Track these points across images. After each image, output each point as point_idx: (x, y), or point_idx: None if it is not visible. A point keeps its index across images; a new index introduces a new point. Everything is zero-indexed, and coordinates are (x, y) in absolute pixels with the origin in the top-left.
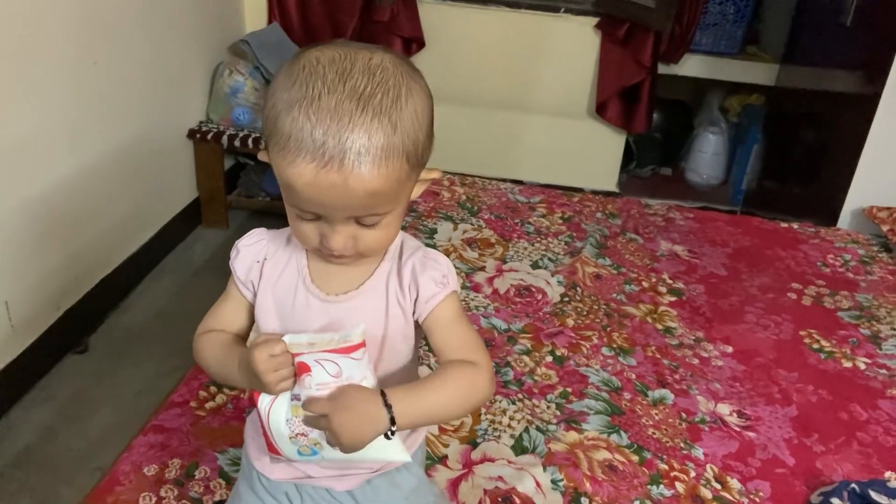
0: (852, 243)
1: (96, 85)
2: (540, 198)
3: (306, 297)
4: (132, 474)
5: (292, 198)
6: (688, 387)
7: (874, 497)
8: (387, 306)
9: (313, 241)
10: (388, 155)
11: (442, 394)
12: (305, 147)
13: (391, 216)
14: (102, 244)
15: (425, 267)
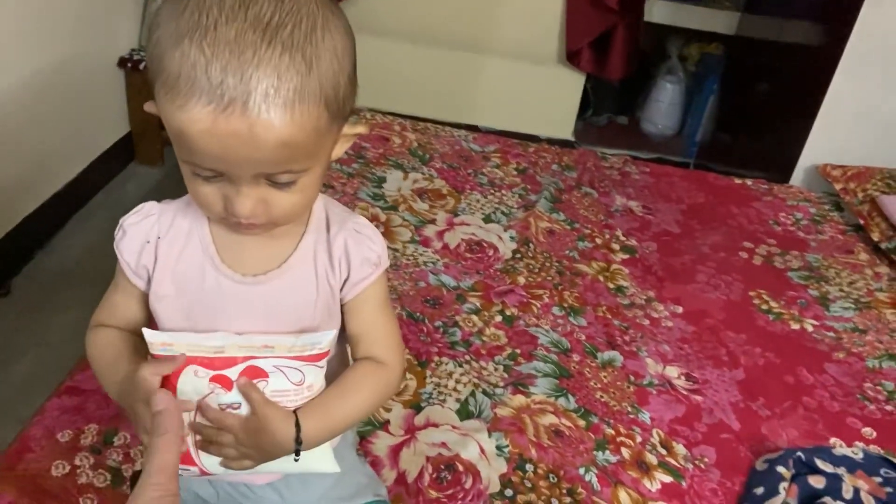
0: (804, 201)
1: (15, 6)
2: (495, 147)
3: (217, 279)
4: (44, 440)
5: (186, 152)
6: (637, 348)
7: (820, 465)
8: (317, 286)
9: (216, 206)
10: (303, 98)
11: (351, 408)
12: (199, 87)
13: (309, 176)
14: (25, 180)
15: (359, 245)
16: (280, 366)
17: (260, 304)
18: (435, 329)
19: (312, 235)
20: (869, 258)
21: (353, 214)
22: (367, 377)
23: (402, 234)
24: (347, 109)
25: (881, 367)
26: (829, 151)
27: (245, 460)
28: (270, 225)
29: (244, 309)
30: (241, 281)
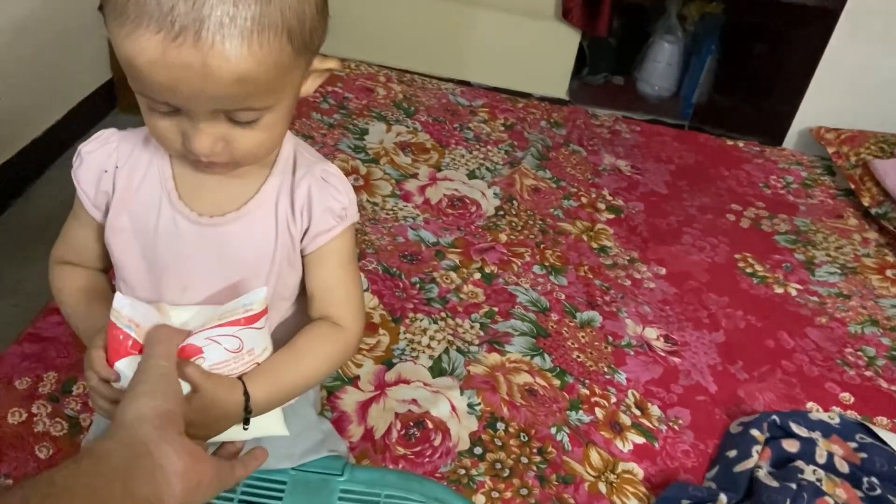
0: (796, 164)
1: None
2: (482, 101)
3: (173, 216)
4: (1, 388)
5: (137, 84)
6: (617, 309)
7: (794, 429)
8: (276, 233)
9: (174, 143)
10: (262, 28)
11: (303, 373)
12: (148, 12)
13: (273, 114)
14: (2, 128)
15: (323, 193)
16: (213, 336)
17: (215, 246)
18: (411, 285)
19: (277, 178)
20: (858, 223)
21: (324, 161)
22: (321, 340)
23: (383, 188)
24: (316, 42)
25: (863, 333)
26: (823, 113)
27: (198, 438)
28: (233, 165)
29: (199, 250)
30: (197, 221)
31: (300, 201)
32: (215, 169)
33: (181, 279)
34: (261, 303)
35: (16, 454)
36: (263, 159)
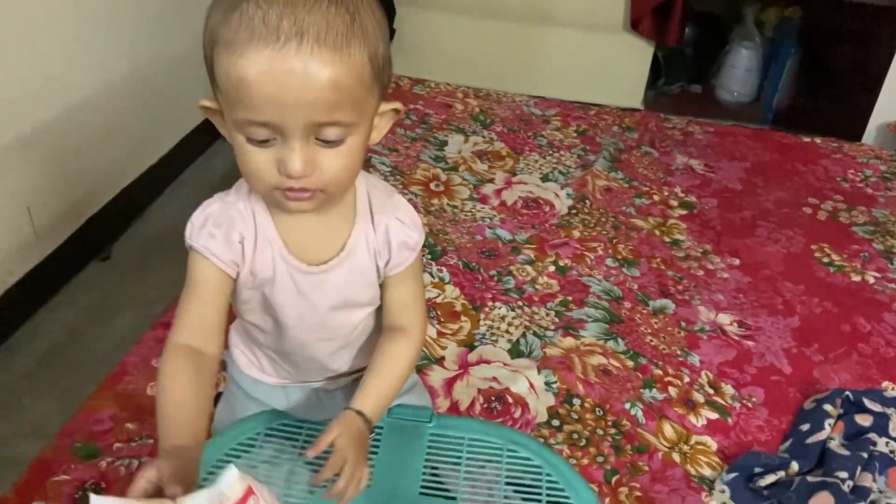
0: (875, 159)
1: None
2: (555, 111)
3: (287, 270)
4: (140, 366)
5: (242, 108)
6: (690, 297)
7: (868, 405)
8: (369, 268)
9: (268, 174)
10: (349, 42)
11: (392, 383)
12: (258, 33)
13: (354, 138)
14: (123, 155)
15: (399, 232)
16: None
17: (325, 287)
18: (489, 277)
19: (361, 223)
20: None
21: (394, 196)
22: (400, 351)
23: (461, 193)
24: (386, 78)
25: None
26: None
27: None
28: (319, 195)
29: (313, 293)
30: (309, 271)
31: (381, 238)
32: (303, 198)
33: (288, 315)
34: (236, 486)
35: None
36: (344, 190)
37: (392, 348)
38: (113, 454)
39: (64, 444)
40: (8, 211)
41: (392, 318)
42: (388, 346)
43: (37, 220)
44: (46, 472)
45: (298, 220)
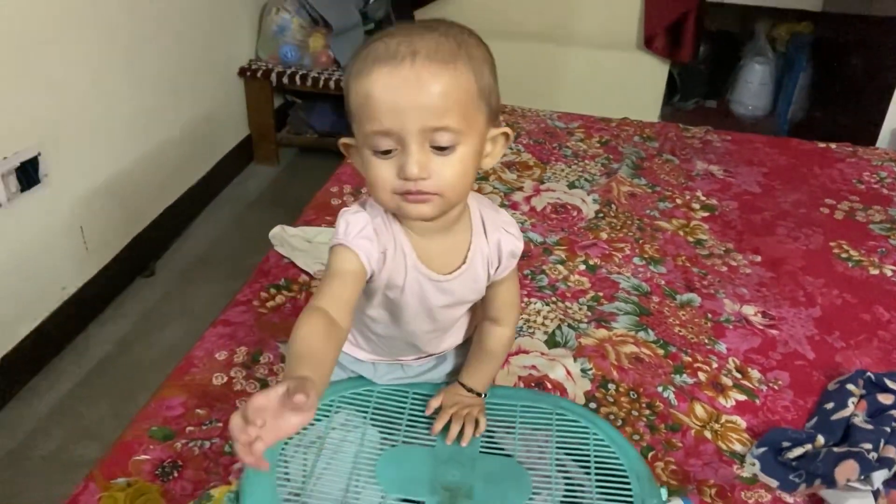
0: (889, 161)
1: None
2: (578, 123)
3: (417, 277)
4: (205, 359)
5: (368, 119)
6: (715, 291)
7: (889, 384)
8: (483, 275)
9: (390, 181)
10: (456, 59)
11: (492, 365)
12: (381, 57)
13: (464, 147)
14: (164, 176)
15: (507, 243)
16: None
17: (447, 294)
18: (524, 276)
19: (477, 237)
20: None
21: (500, 211)
22: (491, 345)
23: (493, 200)
24: (494, 103)
25: None
26: None
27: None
28: (437, 199)
29: (435, 297)
30: (438, 279)
31: (493, 250)
32: (421, 204)
33: (409, 313)
34: None
35: (221, 405)
36: (459, 198)
37: (492, 336)
38: (186, 436)
39: (141, 428)
40: (63, 229)
41: (493, 312)
42: (488, 335)
43: (88, 238)
44: (128, 452)
45: (427, 237)
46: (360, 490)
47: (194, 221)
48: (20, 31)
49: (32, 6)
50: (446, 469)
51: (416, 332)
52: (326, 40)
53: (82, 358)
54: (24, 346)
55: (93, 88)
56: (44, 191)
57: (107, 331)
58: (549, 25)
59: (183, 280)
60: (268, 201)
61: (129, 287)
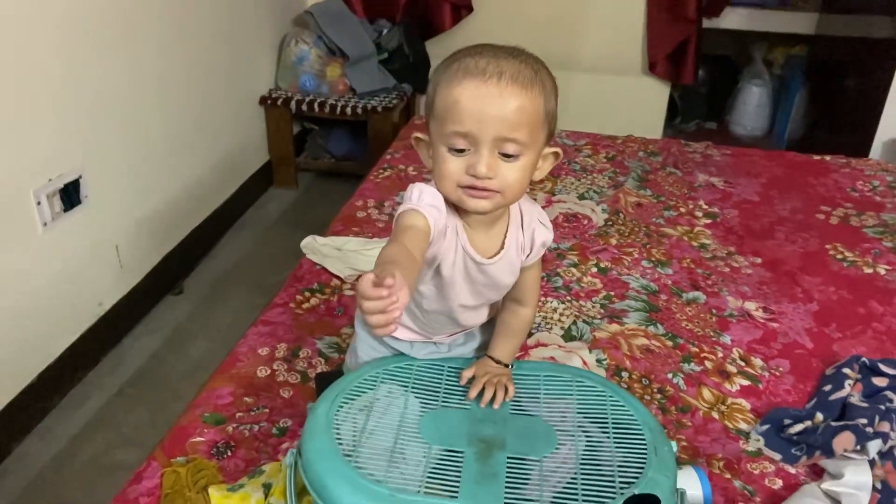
0: (882, 171)
1: (183, 54)
2: (586, 141)
3: (463, 258)
4: (249, 354)
5: (452, 121)
6: (718, 289)
7: (883, 369)
8: (518, 261)
9: (457, 175)
10: (533, 85)
11: (519, 338)
12: (471, 72)
13: (525, 158)
14: (190, 200)
15: (540, 233)
16: None
17: (486, 275)
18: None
19: (514, 229)
20: None
21: (534, 204)
22: (515, 322)
23: None
24: (552, 126)
25: None
26: None
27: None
28: (497, 196)
29: (475, 277)
30: (479, 262)
31: (528, 239)
32: (482, 197)
33: (454, 290)
34: None
35: (267, 394)
36: (514, 199)
37: (516, 315)
38: (236, 421)
39: (195, 414)
40: (101, 248)
41: (518, 294)
42: (513, 314)
43: (123, 256)
44: (185, 435)
45: (474, 227)
46: (405, 445)
47: (219, 242)
48: (65, 64)
49: (75, 41)
50: (481, 426)
51: (457, 307)
52: (343, 69)
53: (118, 370)
54: (63, 358)
55: (128, 117)
56: (84, 211)
57: (140, 345)
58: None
59: (210, 297)
60: (288, 223)
61: (160, 304)
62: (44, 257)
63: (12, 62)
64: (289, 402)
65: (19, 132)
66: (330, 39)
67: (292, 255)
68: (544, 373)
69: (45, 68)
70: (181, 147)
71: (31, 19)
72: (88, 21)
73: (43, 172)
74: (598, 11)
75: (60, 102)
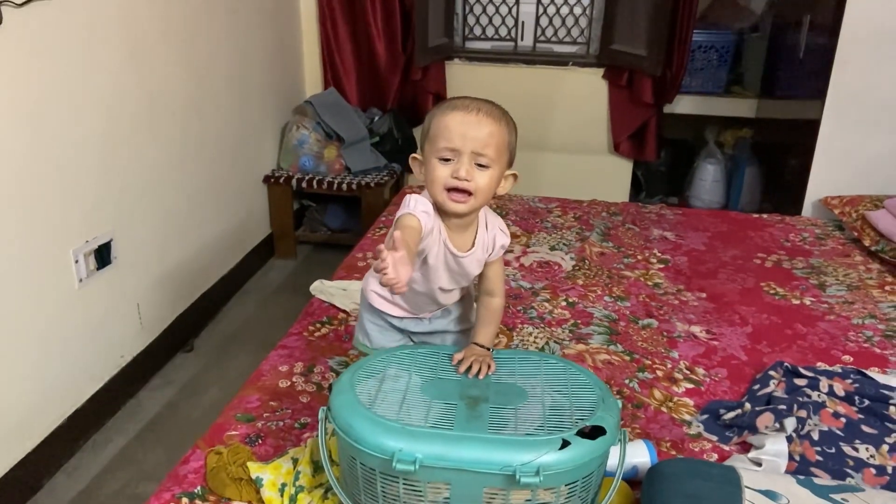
0: (811, 226)
1: (198, 138)
2: (556, 204)
3: (444, 251)
4: (271, 371)
5: (442, 137)
6: (669, 317)
7: (803, 372)
8: (484, 257)
9: (444, 179)
10: (500, 119)
11: (496, 323)
12: (458, 107)
13: (493, 170)
14: (201, 266)
15: (500, 239)
16: None
17: (459, 267)
18: (518, 311)
19: (481, 232)
20: (863, 259)
21: (496, 216)
22: (494, 307)
23: None
24: (513, 154)
25: (864, 323)
26: (827, 187)
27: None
28: (469, 198)
29: (451, 267)
30: (456, 255)
31: (490, 241)
32: (460, 199)
33: (435, 275)
34: None
35: (289, 399)
36: (484, 201)
37: (490, 305)
38: (264, 420)
39: (229, 415)
40: (125, 305)
41: (488, 286)
42: (487, 305)
43: (143, 314)
44: (222, 430)
45: (453, 229)
46: (411, 401)
47: (226, 305)
48: (104, 143)
49: (114, 125)
50: (470, 389)
51: (437, 290)
52: (339, 151)
53: (136, 416)
54: (88, 404)
55: (151, 189)
56: (113, 271)
57: (155, 396)
58: (527, 135)
59: (218, 354)
60: (288, 290)
61: (172, 360)
62: (77, 311)
63: (64, 139)
64: (307, 406)
65: (64, 197)
66: (328, 125)
67: (293, 318)
68: (518, 356)
69: (89, 145)
70: (195, 218)
71: (80, 108)
72: (124, 108)
73: (81, 234)
74: (566, 99)
75: (99, 173)
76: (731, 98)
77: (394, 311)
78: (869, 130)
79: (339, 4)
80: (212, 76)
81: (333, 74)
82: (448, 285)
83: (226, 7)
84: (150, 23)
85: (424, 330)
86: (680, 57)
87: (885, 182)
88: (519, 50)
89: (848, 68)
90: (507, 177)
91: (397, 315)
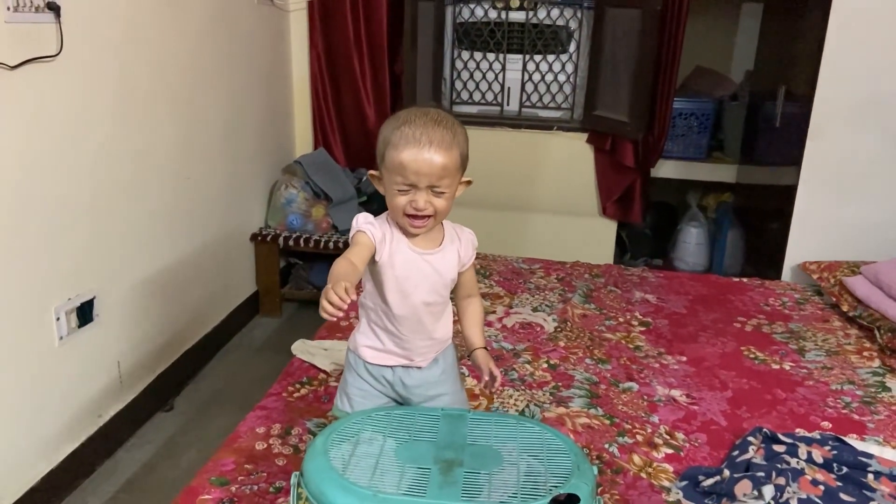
0: (791, 290)
1: (186, 196)
2: (539, 265)
3: (412, 254)
4: (248, 433)
5: (399, 175)
6: (650, 380)
7: (782, 438)
8: (457, 262)
9: (403, 206)
10: (451, 147)
11: (481, 324)
12: (411, 142)
13: (448, 193)
14: (184, 324)
15: (470, 244)
16: None
17: (433, 264)
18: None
19: (448, 235)
20: (842, 324)
21: (464, 229)
22: (477, 307)
23: None
24: (465, 163)
25: (842, 389)
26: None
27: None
28: (430, 220)
29: (421, 268)
30: (423, 253)
31: (464, 245)
32: (419, 223)
33: (411, 284)
34: None
35: (265, 462)
36: (442, 219)
37: (472, 307)
38: (238, 483)
39: (203, 478)
40: (105, 363)
41: (467, 290)
42: (469, 307)
43: (123, 372)
44: (195, 494)
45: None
46: (384, 466)
47: (208, 364)
48: (91, 199)
49: (100, 182)
50: (444, 451)
51: (420, 304)
52: (327, 210)
53: (112, 478)
54: (64, 463)
55: (137, 247)
56: (95, 329)
57: (133, 456)
58: (515, 197)
59: (198, 414)
60: (272, 348)
61: (152, 419)
62: (56, 369)
63: (49, 196)
64: (283, 469)
65: (49, 254)
66: (316, 184)
67: (275, 378)
68: (494, 419)
69: (76, 202)
70: (181, 276)
71: (70, 167)
72: (113, 166)
73: (64, 291)
74: (552, 162)
75: (86, 230)
76: (713, 163)
77: (388, 360)
78: (844, 197)
79: (330, 68)
80: (203, 136)
81: (323, 135)
82: (428, 296)
83: (221, 70)
84: (145, 84)
85: (419, 382)
86: (661, 123)
87: (862, 248)
88: (505, 114)
89: (822, 137)
90: (462, 184)
91: (391, 364)
